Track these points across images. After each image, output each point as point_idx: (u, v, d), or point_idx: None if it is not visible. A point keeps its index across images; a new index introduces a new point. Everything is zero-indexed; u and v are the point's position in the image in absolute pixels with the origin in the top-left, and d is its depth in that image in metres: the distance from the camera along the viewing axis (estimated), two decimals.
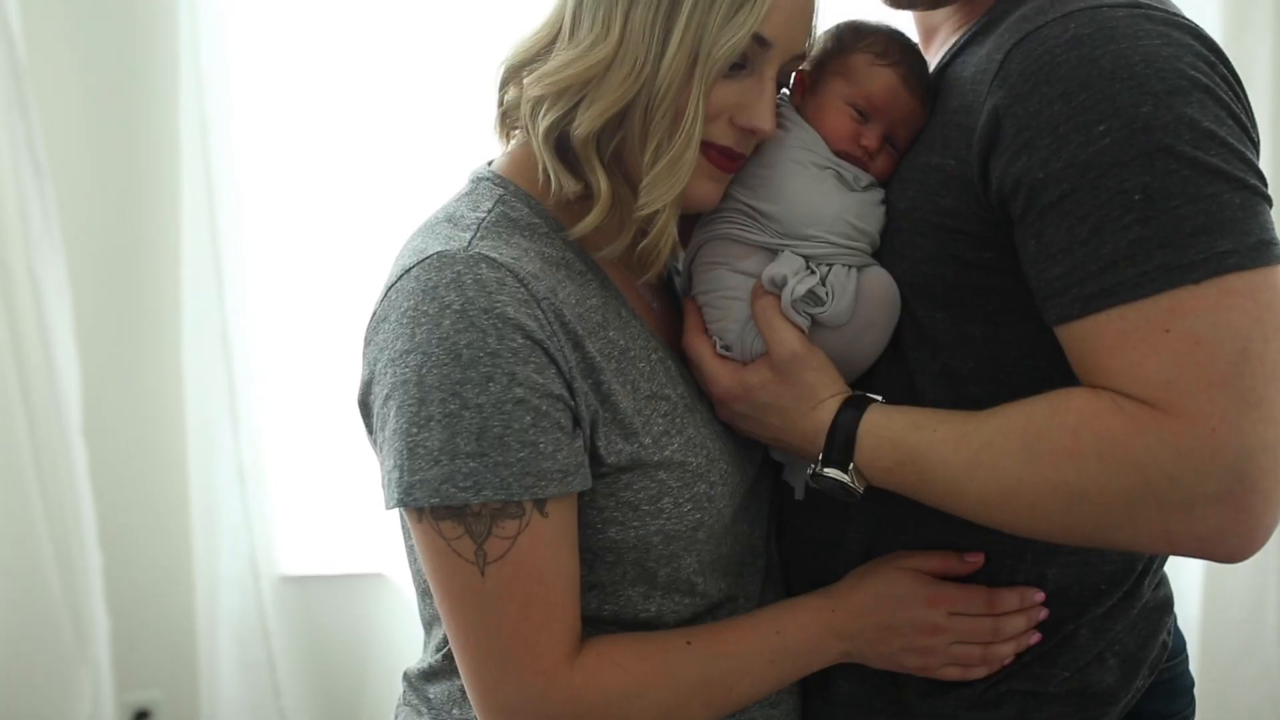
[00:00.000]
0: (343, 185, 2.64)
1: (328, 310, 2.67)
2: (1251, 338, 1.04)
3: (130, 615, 2.79)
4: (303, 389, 2.72)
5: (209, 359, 2.65)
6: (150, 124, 2.66)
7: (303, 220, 2.67)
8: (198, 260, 2.62)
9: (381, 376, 1.13)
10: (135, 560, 2.80)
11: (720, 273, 1.27)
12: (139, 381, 2.76)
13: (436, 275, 1.11)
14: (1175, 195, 1.05)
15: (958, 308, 1.22)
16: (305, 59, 2.60)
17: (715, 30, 1.15)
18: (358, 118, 2.62)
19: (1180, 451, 1.04)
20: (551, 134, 1.19)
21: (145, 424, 2.78)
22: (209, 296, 2.63)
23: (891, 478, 1.19)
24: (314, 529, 2.79)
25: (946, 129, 1.22)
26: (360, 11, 2.59)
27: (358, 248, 2.63)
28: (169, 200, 2.64)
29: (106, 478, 2.71)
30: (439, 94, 2.57)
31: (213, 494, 2.70)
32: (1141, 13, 1.12)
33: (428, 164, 2.55)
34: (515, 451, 1.09)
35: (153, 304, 2.73)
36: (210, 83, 2.55)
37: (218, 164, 2.58)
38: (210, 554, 2.74)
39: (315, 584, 2.83)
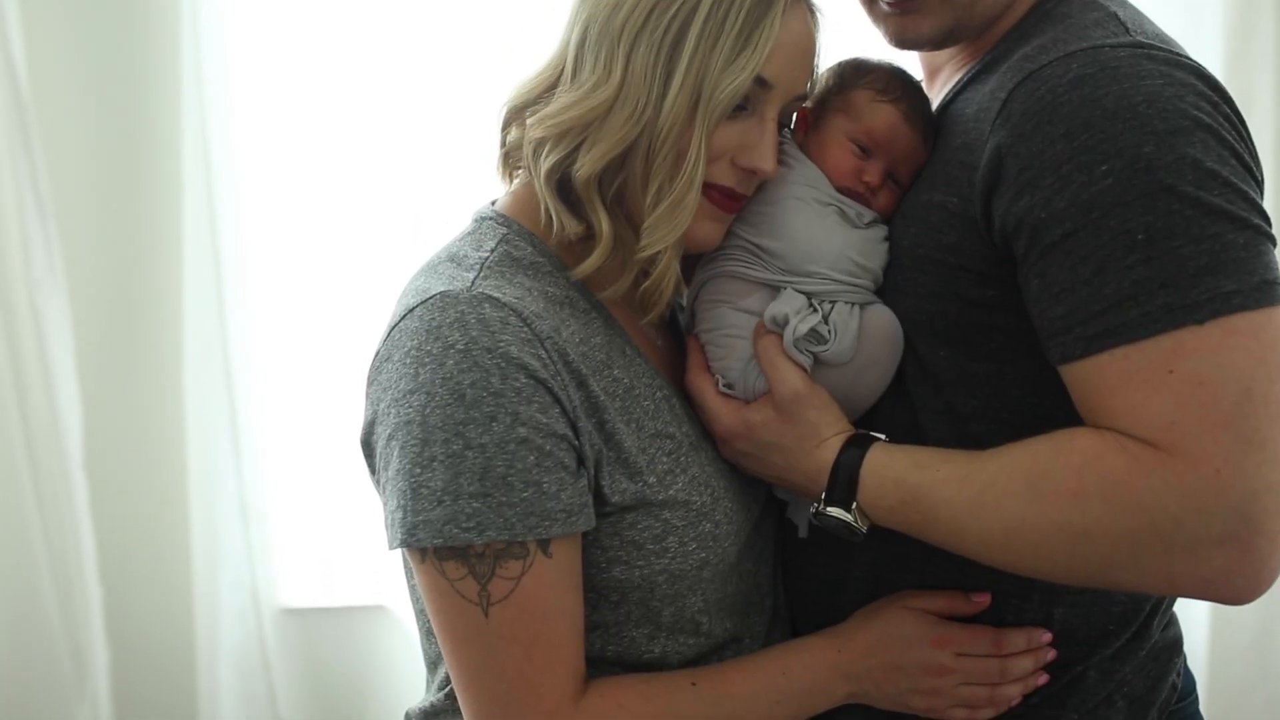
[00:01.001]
0: (348, 222, 2.64)
1: (331, 343, 2.66)
2: (1255, 378, 1.04)
3: (130, 648, 2.78)
4: (305, 421, 2.71)
5: (211, 392, 2.65)
6: (153, 159, 2.66)
7: (306, 255, 2.66)
8: (200, 294, 2.61)
9: (385, 416, 1.13)
10: (135, 593, 2.79)
11: (723, 310, 1.27)
12: (140, 415, 2.76)
13: (440, 315, 1.11)
14: (1178, 235, 1.05)
15: (961, 345, 1.22)
16: (310, 97, 2.61)
17: (717, 72, 1.15)
18: (363, 157, 2.62)
19: (1184, 493, 1.04)
20: (553, 175, 1.19)
21: (146, 457, 2.77)
22: (211, 330, 2.62)
23: (894, 517, 1.18)
24: (315, 561, 2.77)
25: (949, 166, 1.22)
26: (368, 54, 2.59)
27: (362, 282, 2.63)
28: (171, 235, 2.64)
29: (107, 511, 2.70)
30: (449, 148, 2.58)
31: (214, 526, 2.69)
32: (1144, 52, 1.12)
33: (433, 204, 2.56)
34: (519, 491, 1.09)
35: (155, 337, 2.72)
36: (214, 118, 2.55)
37: (221, 198, 2.58)
38: (211, 586, 2.72)
39: (316, 616, 2.81)
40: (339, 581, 2.78)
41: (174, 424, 2.71)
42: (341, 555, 2.75)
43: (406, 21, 2.58)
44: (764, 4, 1.17)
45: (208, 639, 2.73)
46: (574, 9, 1.23)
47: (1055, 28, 1.20)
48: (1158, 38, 1.17)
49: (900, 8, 1.26)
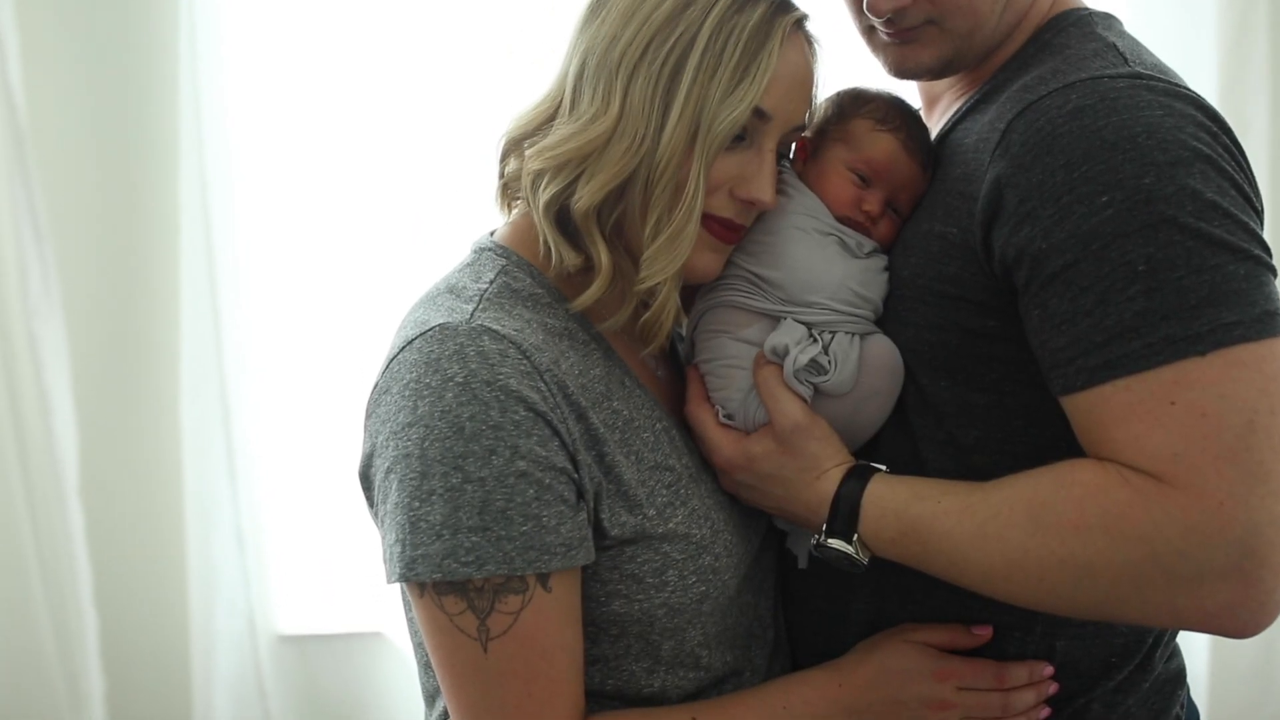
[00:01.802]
0: (347, 248, 2.65)
1: (328, 368, 2.66)
2: (1258, 410, 1.03)
3: (126, 675, 2.76)
4: (301, 447, 2.70)
5: (207, 418, 2.64)
6: (150, 185, 2.66)
7: (303, 281, 2.66)
8: (196, 319, 2.61)
9: (383, 449, 1.13)
10: (131, 619, 2.77)
11: (722, 341, 1.27)
12: (136, 441, 2.75)
13: (439, 347, 1.11)
14: (1179, 266, 1.05)
15: (961, 376, 1.21)
16: (308, 123, 2.61)
17: (715, 104, 1.15)
18: (361, 186, 2.63)
19: (1188, 526, 1.03)
20: (552, 207, 1.19)
21: (142, 484, 2.76)
22: (207, 355, 2.62)
23: (896, 549, 1.18)
24: (312, 587, 2.76)
25: (949, 197, 1.22)
26: (365, 72, 2.60)
27: (360, 308, 2.63)
28: (168, 264, 2.64)
29: (103, 538, 2.69)
30: (446, 181, 2.59)
31: (210, 553, 2.68)
32: (1143, 83, 1.12)
33: (430, 237, 2.57)
34: (518, 525, 1.08)
35: (151, 363, 2.72)
36: (211, 147, 2.56)
37: (218, 227, 2.58)
38: (207, 613, 2.71)
39: (313, 643, 2.80)
40: (335, 608, 2.77)
41: (170, 450, 2.70)
42: (338, 582, 2.74)
43: (405, 39, 2.59)
44: (762, 35, 1.17)
45: (203, 666, 2.72)
46: (572, 40, 1.23)
47: (1054, 58, 1.20)
48: (1156, 68, 1.17)
49: (899, 38, 1.26)
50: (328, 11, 2.59)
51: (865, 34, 1.30)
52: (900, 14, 1.23)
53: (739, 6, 1.17)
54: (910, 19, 1.23)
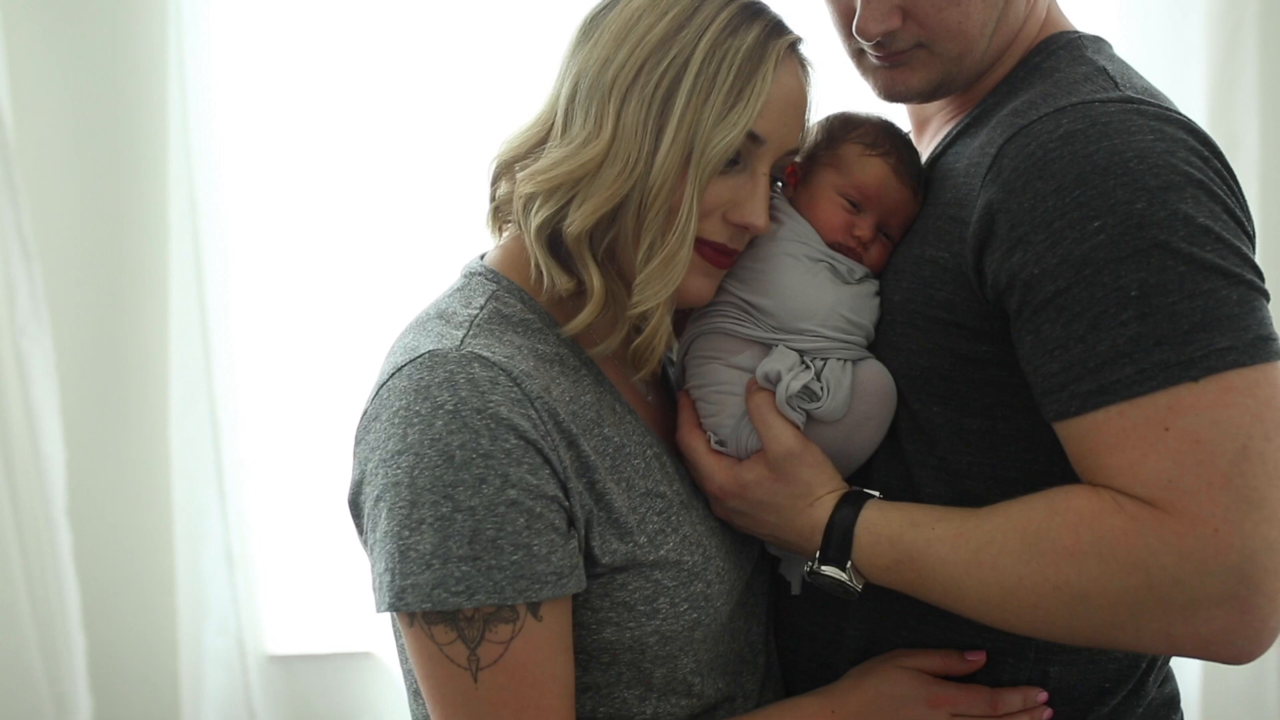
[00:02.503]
0: (334, 270, 2.64)
1: (318, 390, 2.66)
2: (1252, 435, 1.03)
3: (114, 697, 2.75)
4: (291, 469, 2.69)
5: (197, 439, 2.63)
6: (139, 205, 2.65)
7: (292, 303, 2.66)
8: (185, 337, 2.60)
9: (372, 477, 1.12)
10: (119, 641, 2.76)
11: (714, 367, 1.26)
12: (125, 462, 2.74)
13: (429, 374, 1.10)
14: (1172, 291, 1.05)
15: (954, 401, 1.21)
16: (297, 144, 2.61)
17: (709, 128, 1.15)
18: (350, 205, 2.62)
19: (1183, 553, 1.03)
20: (544, 231, 1.18)
21: (131, 505, 2.74)
22: (197, 374, 2.61)
23: (890, 576, 1.17)
24: (301, 608, 2.75)
25: (940, 221, 1.22)
26: (354, 89, 2.60)
27: (347, 330, 2.63)
28: (157, 282, 2.63)
29: (91, 559, 2.68)
30: (436, 204, 2.58)
31: (199, 573, 2.67)
32: (1134, 108, 1.12)
33: (421, 255, 2.56)
34: (509, 554, 1.07)
35: (139, 382, 2.71)
36: (200, 164, 2.55)
37: (207, 245, 2.57)
38: (195, 633, 2.70)
39: (303, 663, 2.78)
40: (325, 628, 2.75)
41: (159, 469, 2.69)
42: (328, 601, 2.73)
43: (392, 55, 2.59)
44: (756, 59, 1.16)
45: (192, 686, 2.70)
46: (563, 63, 1.22)
47: (1044, 82, 1.20)
48: (1146, 92, 1.17)
49: (889, 61, 1.25)
50: (317, 26, 2.58)
51: (855, 57, 1.30)
52: (890, 38, 1.22)
53: (733, 29, 1.16)
54: (900, 43, 1.23)
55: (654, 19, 1.17)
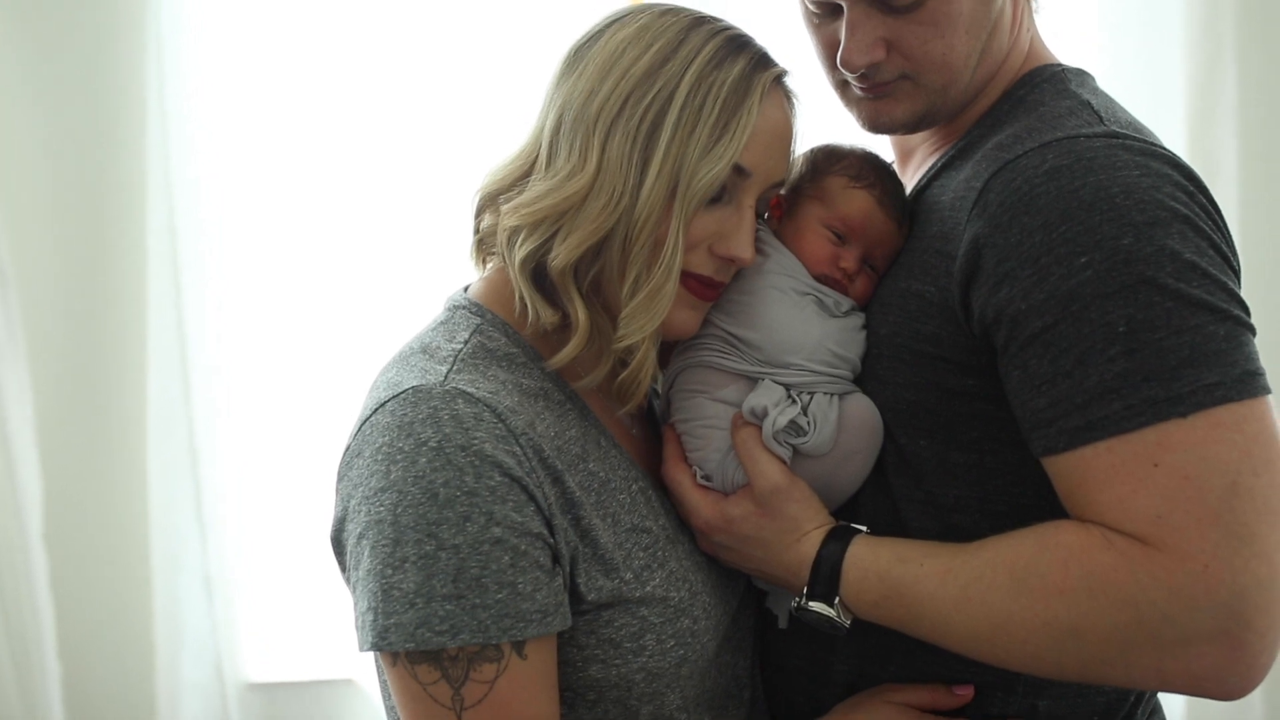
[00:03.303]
0: (313, 297, 2.63)
1: (297, 416, 2.64)
2: (1240, 471, 1.03)
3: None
4: (270, 494, 2.67)
5: (175, 462, 2.60)
6: (117, 229, 2.63)
7: (271, 327, 2.64)
8: (164, 363, 2.57)
9: (355, 514, 1.10)
10: (96, 669, 2.72)
11: (700, 401, 1.25)
12: (102, 486, 2.71)
13: (412, 411, 1.09)
14: (1159, 327, 1.05)
15: (941, 435, 1.20)
16: (276, 166, 2.60)
17: (694, 161, 1.14)
18: (330, 235, 2.61)
19: (1173, 589, 1.03)
20: (528, 264, 1.17)
21: (108, 530, 2.71)
22: (175, 401, 2.58)
23: (878, 611, 1.17)
24: (281, 634, 2.73)
25: (926, 255, 1.22)
26: (335, 123, 2.59)
27: (327, 355, 2.62)
28: (135, 306, 2.61)
29: (67, 585, 2.65)
30: (418, 238, 2.57)
31: (177, 600, 2.64)
32: (1119, 143, 1.12)
33: (403, 284, 2.55)
34: (493, 593, 1.06)
35: (117, 407, 2.68)
36: (179, 188, 2.53)
37: (185, 270, 2.55)
38: (173, 661, 2.67)
39: (282, 691, 2.75)
40: (305, 655, 2.73)
41: (137, 495, 2.66)
42: (308, 628, 2.70)
43: (374, 79, 2.58)
44: (741, 91, 1.16)
45: (170, 715, 2.67)
46: (547, 95, 1.22)
47: (1028, 115, 1.20)
48: (1131, 126, 1.17)
49: (873, 93, 1.25)
50: (295, 53, 2.57)
51: (839, 89, 1.29)
52: (874, 69, 1.22)
53: (718, 62, 1.16)
54: (884, 74, 1.23)
55: (639, 51, 1.16)
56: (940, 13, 1.18)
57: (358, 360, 2.49)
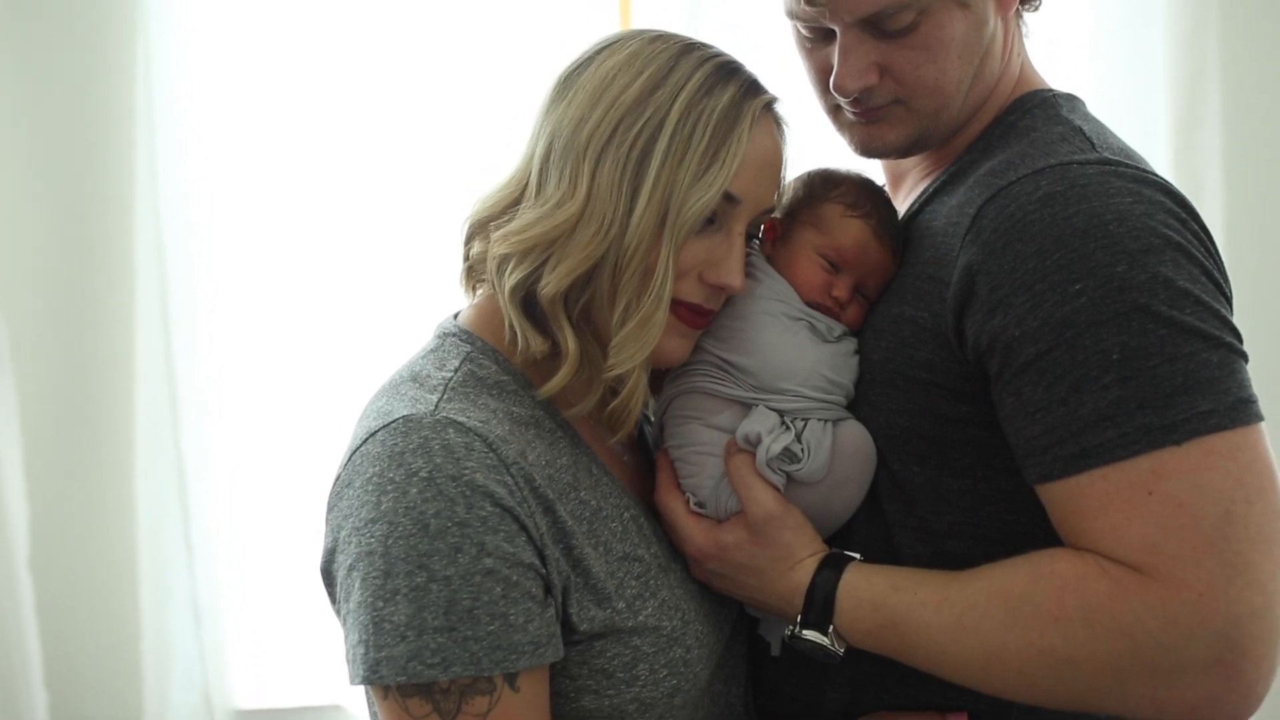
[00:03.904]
0: (302, 321, 2.62)
1: (286, 441, 2.62)
2: (1234, 499, 1.03)
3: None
4: (259, 519, 2.65)
5: (163, 487, 2.58)
6: (105, 254, 2.61)
7: (259, 350, 2.63)
8: (152, 387, 2.56)
9: (345, 545, 1.09)
10: (83, 697, 2.70)
11: (693, 427, 1.25)
12: (89, 512, 2.68)
13: (403, 441, 1.08)
14: (1153, 355, 1.05)
15: (934, 461, 1.20)
16: (264, 189, 2.59)
17: (685, 188, 1.14)
18: (320, 256, 2.60)
19: (1168, 619, 1.02)
20: (518, 292, 1.17)
21: (95, 556, 2.69)
22: (163, 423, 2.57)
23: (872, 640, 1.16)
24: (270, 661, 2.71)
25: (919, 281, 1.21)
26: (325, 137, 2.58)
27: (316, 379, 2.60)
28: (122, 330, 2.59)
29: (54, 612, 2.62)
30: (412, 261, 2.56)
31: (165, 626, 2.62)
32: (1111, 169, 1.12)
33: (392, 312, 2.54)
34: (485, 625, 1.05)
35: (105, 431, 2.66)
36: (167, 208, 2.52)
37: (174, 295, 2.54)
38: (161, 688, 2.64)
39: (271, 718, 2.73)
40: (294, 681, 2.71)
41: (124, 520, 2.64)
42: (297, 654, 2.68)
43: (364, 93, 2.57)
44: (731, 118, 1.15)
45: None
46: (537, 122, 1.21)
47: (1020, 141, 1.20)
48: (1123, 153, 1.17)
49: (866, 117, 1.25)
50: (286, 59, 2.55)
51: (831, 113, 1.29)
52: (867, 94, 1.22)
53: (708, 90, 1.16)
54: (877, 99, 1.23)
55: (629, 79, 1.16)
56: (933, 37, 1.18)
57: (348, 384, 2.48)
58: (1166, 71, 2.56)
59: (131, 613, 2.66)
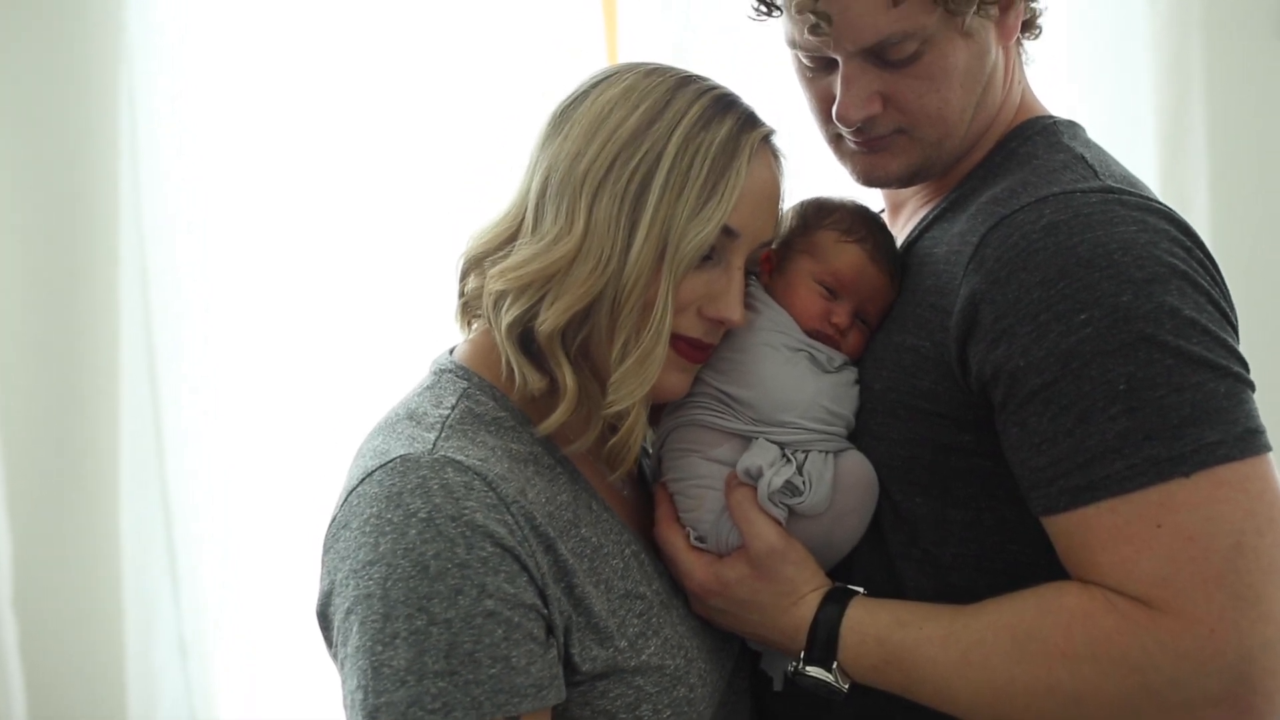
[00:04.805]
0: (289, 351, 2.60)
1: (272, 474, 2.60)
2: (1245, 531, 1.02)
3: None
4: (247, 553, 2.63)
5: (148, 522, 2.56)
6: (89, 287, 2.60)
7: (245, 383, 2.61)
8: (136, 424, 2.54)
9: (343, 588, 1.07)
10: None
11: (692, 460, 1.23)
12: (73, 547, 2.65)
13: (400, 481, 1.06)
14: (1160, 385, 1.04)
15: (937, 491, 1.19)
16: (249, 226, 2.57)
17: (683, 223, 1.12)
18: (306, 286, 2.59)
19: (1179, 653, 1.01)
20: (515, 329, 1.15)
21: (79, 592, 2.66)
22: (148, 460, 2.54)
23: (877, 676, 1.14)
24: (258, 697, 2.67)
25: (920, 309, 1.20)
26: (313, 165, 2.57)
27: (304, 411, 2.58)
28: (108, 367, 2.57)
29: (37, 648, 2.59)
30: (404, 288, 2.55)
31: (151, 665, 2.59)
32: (1115, 198, 1.11)
33: (384, 342, 2.53)
34: (487, 668, 1.03)
35: (88, 467, 2.63)
36: (152, 241, 2.51)
37: (158, 328, 2.52)
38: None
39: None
40: (283, 716, 2.67)
41: (108, 555, 2.62)
42: (285, 689, 2.65)
43: (352, 118, 2.56)
44: (729, 152, 1.14)
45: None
46: (533, 156, 1.20)
47: (1022, 169, 1.20)
48: (1125, 180, 1.17)
49: (868, 147, 1.24)
50: (271, 73, 2.54)
51: (832, 142, 1.29)
52: (870, 123, 1.22)
53: (705, 123, 1.15)
54: (879, 128, 1.22)
55: (625, 112, 1.15)
56: (936, 66, 1.18)
57: (336, 417, 2.46)
58: (1151, 90, 2.57)
59: (117, 651, 2.63)
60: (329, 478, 1.16)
